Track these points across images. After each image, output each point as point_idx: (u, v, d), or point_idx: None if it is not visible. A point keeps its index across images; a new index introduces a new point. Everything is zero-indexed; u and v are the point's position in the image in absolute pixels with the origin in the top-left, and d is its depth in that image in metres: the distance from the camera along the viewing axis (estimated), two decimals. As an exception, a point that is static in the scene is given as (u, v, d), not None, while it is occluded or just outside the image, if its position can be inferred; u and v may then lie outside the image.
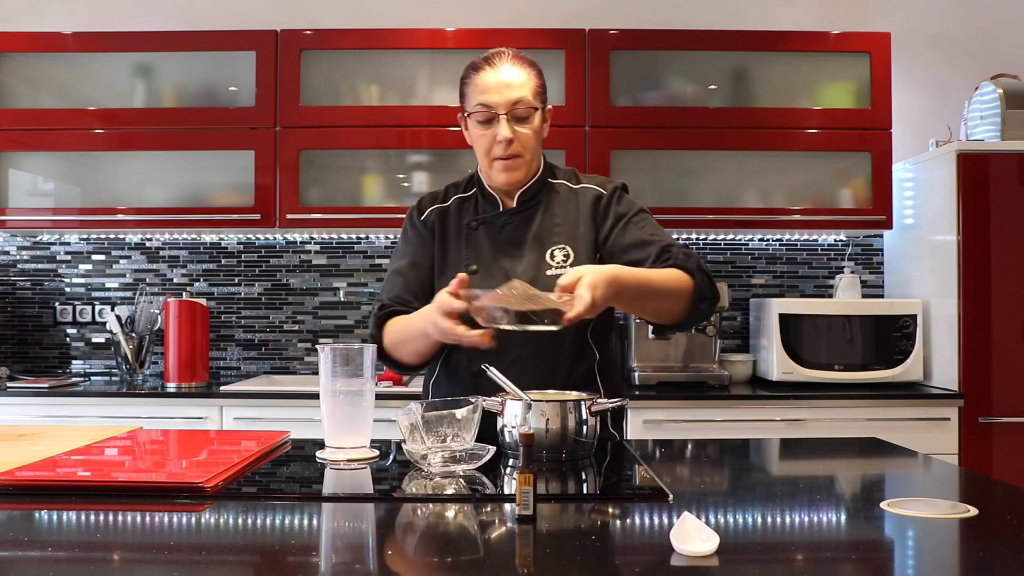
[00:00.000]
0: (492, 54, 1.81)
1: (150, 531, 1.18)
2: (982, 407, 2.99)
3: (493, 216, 1.87)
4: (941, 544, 1.15)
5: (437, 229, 1.88)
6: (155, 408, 3.03)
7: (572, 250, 1.82)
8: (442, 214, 1.90)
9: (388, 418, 1.75)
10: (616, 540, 1.16)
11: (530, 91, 1.78)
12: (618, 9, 3.60)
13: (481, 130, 1.80)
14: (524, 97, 1.77)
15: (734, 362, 3.35)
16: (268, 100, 3.25)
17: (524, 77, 1.78)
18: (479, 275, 1.80)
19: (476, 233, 1.86)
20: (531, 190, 1.86)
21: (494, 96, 1.76)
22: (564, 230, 1.84)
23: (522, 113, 1.77)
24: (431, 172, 3.32)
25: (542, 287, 1.66)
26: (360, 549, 1.14)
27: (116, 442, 1.68)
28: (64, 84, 3.43)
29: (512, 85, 1.76)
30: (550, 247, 1.82)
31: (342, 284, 3.62)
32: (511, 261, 1.82)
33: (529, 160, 1.82)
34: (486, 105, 1.77)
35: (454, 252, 1.86)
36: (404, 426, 1.50)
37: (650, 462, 1.62)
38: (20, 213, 3.32)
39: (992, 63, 3.54)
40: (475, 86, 1.79)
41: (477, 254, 1.84)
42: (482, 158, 1.83)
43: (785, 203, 3.33)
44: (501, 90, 1.76)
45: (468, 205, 1.90)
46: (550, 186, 1.89)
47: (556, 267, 1.80)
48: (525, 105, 1.77)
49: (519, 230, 1.85)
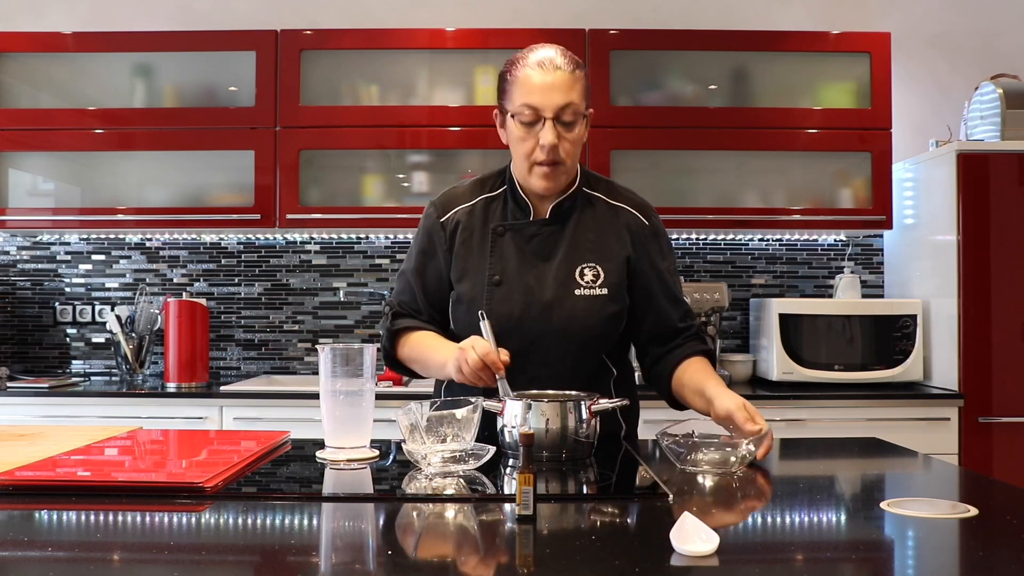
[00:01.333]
0: (540, 51, 1.70)
1: (150, 531, 1.17)
2: (982, 407, 2.99)
3: (523, 224, 1.77)
4: (941, 544, 1.15)
5: (460, 233, 1.79)
6: (155, 408, 3.03)
7: (602, 269, 1.75)
8: (467, 214, 1.80)
9: (388, 418, 1.75)
10: (616, 540, 1.16)
11: (578, 95, 1.68)
12: (618, 9, 3.60)
13: (524, 132, 1.69)
14: (573, 102, 1.67)
15: (734, 362, 3.35)
16: (268, 100, 3.25)
17: (572, 80, 1.67)
18: (503, 286, 1.73)
19: (503, 239, 1.76)
20: (567, 200, 1.77)
21: (542, 98, 1.65)
22: (596, 247, 1.76)
23: (569, 118, 1.67)
24: (431, 172, 3.32)
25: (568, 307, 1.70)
26: (360, 549, 1.14)
27: (116, 442, 1.68)
28: (64, 84, 3.43)
29: (562, 88, 1.66)
30: (580, 264, 1.74)
31: (342, 284, 3.62)
32: (538, 275, 1.74)
33: (570, 168, 1.73)
34: (532, 107, 1.66)
35: (477, 258, 1.77)
36: (404, 426, 1.50)
37: (650, 462, 1.62)
38: (20, 213, 3.32)
39: (992, 63, 3.54)
40: (521, 85, 1.67)
41: (502, 263, 1.75)
42: (521, 161, 1.73)
43: (785, 203, 3.33)
44: (550, 93, 1.65)
45: (495, 206, 1.80)
46: (586, 197, 1.80)
47: (585, 287, 1.73)
48: (573, 111, 1.67)
49: (549, 242, 1.76)
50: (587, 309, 1.72)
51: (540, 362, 1.72)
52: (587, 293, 1.72)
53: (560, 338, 1.71)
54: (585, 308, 1.72)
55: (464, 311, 1.77)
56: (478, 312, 1.67)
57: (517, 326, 1.70)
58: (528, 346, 1.71)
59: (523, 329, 1.71)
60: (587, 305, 1.72)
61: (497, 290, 1.73)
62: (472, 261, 1.77)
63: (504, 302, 1.72)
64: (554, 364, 1.73)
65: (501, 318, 1.69)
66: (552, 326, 1.71)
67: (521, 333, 1.70)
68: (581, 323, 1.72)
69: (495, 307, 1.71)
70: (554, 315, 1.71)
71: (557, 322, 1.71)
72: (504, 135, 1.77)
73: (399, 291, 1.87)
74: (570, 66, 1.69)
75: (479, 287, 1.74)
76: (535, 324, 1.71)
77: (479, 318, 1.65)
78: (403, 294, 1.86)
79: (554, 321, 1.71)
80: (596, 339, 1.75)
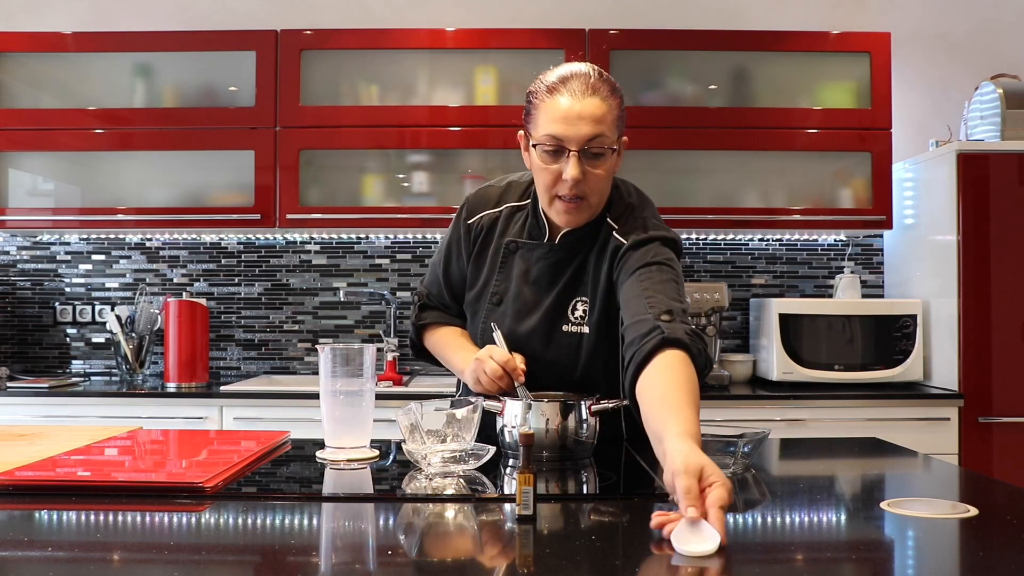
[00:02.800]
0: (571, 75, 1.56)
1: (150, 531, 1.17)
2: (982, 407, 2.99)
3: (535, 245, 1.71)
4: (941, 544, 1.15)
5: (482, 238, 1.76)
6: (155, 408, 3.03)
7: (592, 303, 1.67)
8: (490, 221, 1.76)
9: (388, 418, 1.75)
10: (616, 540, 1.16)
11: (609, 126, 1.54)
12: (618, 9, 3.60)
13: (546, 163, 1.57)
14: (602, 134, 1.53)
15: (734, 362, 3.35)
16: (268, 100, 3.25)
17: (605, 110, 1.54)
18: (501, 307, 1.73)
19: (512, 256, 1.73)
20: (581, 230, 1.67)
21: (567, 128, 1.53)
22: (590, 279, 1.68)
23: (596, 150, 1.55)
24: (431, 172, 3.32)
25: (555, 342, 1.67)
26: (360, 549, 1.14)
27: (116, 442, 1.68)
28: (64, 84, 3.43)
29: (590, 119, 1.52)
30: (576, 297, 1.69)
31: (342, 284, 3.62)
32: (535, 302, 1.70)
33: (595, 204, 1.61)
34: (556, 137, 1.54)
35: (487, 269, 1.76)
36: (404, 426, 1.50)
37: (650, 462, 1.61)
38: (20, 213, 3.32)
39: (992, 63, 3.54)
40: (547, 111, 1.55)
41: (506, 283, 1.73)
42: (543, 193, 1.62)
43: (785, 203, 3.33)
44: (577, 123, 1.52)
45: (518, 217, 1.74)
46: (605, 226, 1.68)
47: (574, 323, 1.68)
48: (601, 143, 1.54)
49: (553, 269, 1.69)
50: (569, 347, 1.69)
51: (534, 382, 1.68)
52: (572, 330, 1.68)
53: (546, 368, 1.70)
54: (568, 346, 1.69)
55: (471, 315, 1.82)
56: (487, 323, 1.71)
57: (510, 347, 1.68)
58: None
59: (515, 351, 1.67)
60: (570, 343, 1.69)
61: (496, 309, 1.74)
62: (483, 273, 1.78)
63: (500, 323, 1.71)
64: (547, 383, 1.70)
65: None
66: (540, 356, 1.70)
67: None
68: (566, 361, 1.70)
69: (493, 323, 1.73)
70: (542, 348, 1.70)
71: (543, 355, 1.70)
72: (527, 160, 1.66)
73: (429, 282, 1.90)
74: (604, 93, 1.56)
75: (483, 299, 1.77)
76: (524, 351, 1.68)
77: (491, 329, 1.68)
78: (432, 285, 1.88)
79: (541, 353, 1.70)
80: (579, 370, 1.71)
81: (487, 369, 1.60)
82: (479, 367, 1.62)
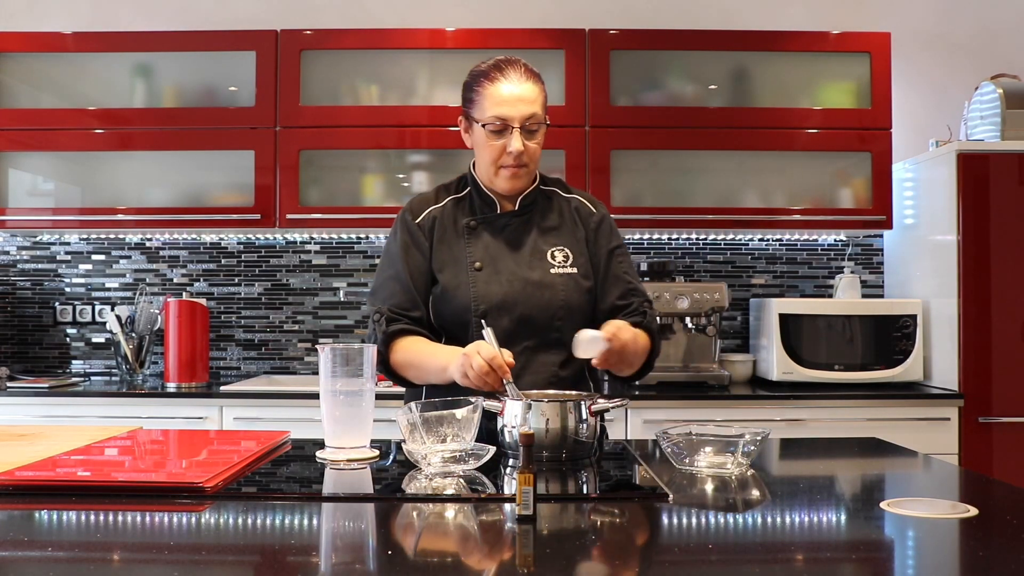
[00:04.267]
0: (504, 63, 1.84)
1: (150, 531, 1.18)
2: (982, 407, 2.99)
3: (493, 217, 1.91)
4: (941, 544, 1.15)
5: (436, 230, 1.90)
6: (155, 408, 3.03)
7: (570, 252, 1.90)
8: (439, 215, 1.92)
9: (388, 418, 1.75)
10: (616, 540, 1.16)
11: (540, 106, 1.84)
12: (618, 9, 3.60)
13: (492, 140, 1.83)
14: (536, 113, 1.83)
15: (734, 362, 3.35)
16: (268, 100, 3.25)
17: (536, 92, 1.84)
18: (485, 271, 1.84)
19: (475, 232, 1.89)
20: (531, 195, 1.93)
21: (510, 110, 1.80)
22: (561, 233, 1.92)
23: (533, 127, 1.83)
24: (431, 172, 3.32)
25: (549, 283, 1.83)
26: (360, 549, 1.14)
27: (116, 442, 1.68)
28: (64, 84, 3.43)
29: (527, 100, 1.81)
30: (550, 248, 1.89)
31: (342, 284, 3.62)
32: (516, 259, 1.87)
33: (532, 170, 1.89)
34: (501, 118, 1.81)
35: (456, 250, 1.88)
36: (404, 426, 1.50)
37: (650, 462, 1.62)
38: (20, 213, 3.32)
39: (992, 63, 3.54)
40: (490, 96, 1.82)
41: (480, 251, 1.87)
42: (488, 166, 1.87)
43: (785, 203, 3.33)
44: (517, 104, 1.80)
45: (463, 205, 1.93)
46: (542, 192, 1.96)
47: (559, 266, 1.87)
48: (537, 120, 1.83)
49: (518, 231, 1.90)
50: (565, 285, 1.85)
51: (528, 334, 1.82)
52: (561, 271, 1.87)
53: (546, 311, 1.83)
54: (564, 284, 1.85)
55: (448, 300, 1.84)
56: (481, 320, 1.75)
57: (504, 303, 1.82)
58: (516, 322, 1.82)
59: (511, 306, 1.82)
60: (564, 282, 1.86)
61: (480, 275, 1.84)
62: (450, 253, 1.88)
63: (489, 283, 1.83)
64: (540, 336, 1.83)
65: (490, 298, 1.82)
66: (538, 301, 1.83)
67: (509, 310, 1.82)
68: (563, 297, 1.84)
69: (481, 289, 1.82)
70: (539, 291, 1.84)
71: (542, 297, 1.83)
72: (469, 139, 1.92)
73: (386, 297, 1.87)
74: (533, 79, 1.85)
75: (462, 274, 1.85)
76: (522, 300, 1.82)
77: (480, 326, 1.70)
78: (393, 297, 1.86)
79: (539, 296, 1.83)
80: (576, 312, 1.86)
81: (474, 365, 1.62)
82: (466, 362, 1.63)
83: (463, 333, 1.82)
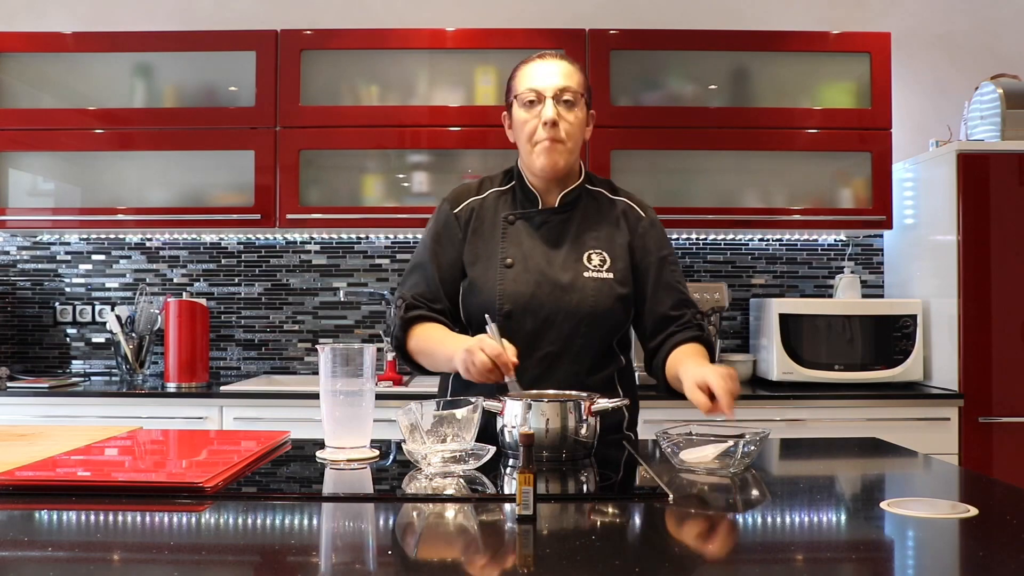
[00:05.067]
0: (544, 52, 1.86)
1: (150, 531, 1.18)
2: (982, 407, 2.99)
3: (533, 213, 1.87)
4: (941, 544, 1.15)
5: (472, 222, 1.88)
6: (155, 408, 3.03)
7: (608, 255, 1.84)
8: (479, 205, 1.89)
9: (388, 418, 1.75)
10: (616, 540, 1.16)
11: (577, 83, 1.82)
12: (618, 9, 3.60)
13: (527, 113, 1.81)
14: (571, 86, 1.80)
15: (734, 362, 3.34)
16: (268, 100, 3.25)
17: (571, 70, 1.83)
18: (515, 268, 1.80)
19: (513, 227, 1.85)
20: (573, 192, 1.88)
21: (543, 81, 1.80)
22: (601, 236, 1.86)
23: (569, 98, 1.80)
24: (431, 172, 3.32)
25: (579, 287, 1.78)
26: (360, 549, 1.14)
27: (116, 442, 1.68)
28: (64, 84, 3.43)
29: (561, 74, 1.80)
30: (587, 251, 1.84)
31: (342, 284, 3.62)
32: (549, 259, 1.82)
33: (571, 148, 1.82)
34: (534, 89, 1.80)
35: (490, 244, 1.85)
36: (404, 426, 1.50)
37: (650, 462, 1.62)
38: (20, 213, 3.32)
39: (992, 63, 3.54)
40: (523, 74, 1.83)
41: (514, 248, 1.83)
42: (524, 144, 1.84)
43: (785, 203, 3.33)
44: (549, 76, 1.80)
45: (505, 199, 1.90)
46: (589, 192, 1.92)
47: (593, 270, 1.82)
48: (572, 92, 1.80)
49: (556, 229, 1.86)
50: (596, 290, 1.80)
51: (552, 339, 1.78)
52: (596, 276, 1.81)
53: (572, 317, 1.78)
54: (595, 289, 1.80)
55: (476, 295, 1.82)
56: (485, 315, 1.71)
57: (530, 304, 1.78)
58: (540, 324, 1.78)
59: (536, 308, 1.78)
60: (596, 287, 1.80)
61: (509, 272, 1.80)
62: (484, 247, 1.85)
63: (517, 282, 1.79)
64: (565, 341, 1.79)
65: (516, 297, 1.78)
66: (564, 305, 1.78)
67: (534, 312, 1.78)
68: (591, 302, 1.79)
69: (508, 287, 1.79)
70: (566, 295, 1.78)
71: (569, 301, 1.78)
72: (512, 135, 1.89)
73: (411, 285, 1.89)
74: (570, 61, 1.84)
75: (492, 270, 1.81)
76: (548, 302, 1.78)
77: (485, 321, 1.68)
78: (416, 287, 1.88)
79: (566, 300, 1.78)
80: (605, 320, 1.81)
81: (476, 361, 1.61)
82: (468, 358, 1.62)
83: None
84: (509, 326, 1.75)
